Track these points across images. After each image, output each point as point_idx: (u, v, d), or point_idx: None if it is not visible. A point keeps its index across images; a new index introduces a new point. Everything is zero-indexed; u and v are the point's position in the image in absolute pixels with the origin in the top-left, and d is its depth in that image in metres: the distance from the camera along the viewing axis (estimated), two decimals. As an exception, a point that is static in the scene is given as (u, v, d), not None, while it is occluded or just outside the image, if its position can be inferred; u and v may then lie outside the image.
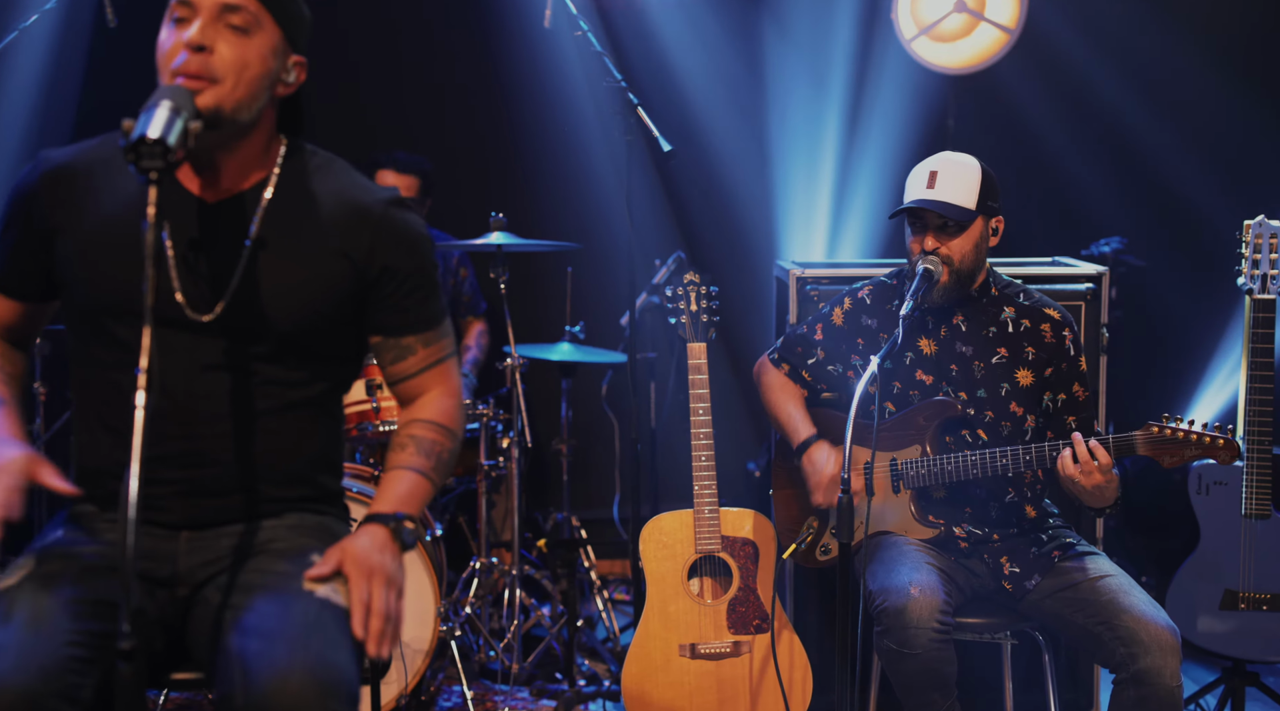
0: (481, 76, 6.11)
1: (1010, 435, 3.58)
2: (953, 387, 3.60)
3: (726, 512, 3.93)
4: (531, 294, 5.77)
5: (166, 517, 2.38)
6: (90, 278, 2.36)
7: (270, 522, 2.44)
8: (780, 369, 3.84)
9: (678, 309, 4.03)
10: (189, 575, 2.39)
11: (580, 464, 5.50)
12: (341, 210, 2.42)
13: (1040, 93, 5.97)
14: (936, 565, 3.46)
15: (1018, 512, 3.62)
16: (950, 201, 3.49)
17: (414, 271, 2.46)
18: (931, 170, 3.54)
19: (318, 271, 2.39)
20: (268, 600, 2.28)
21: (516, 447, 4.72)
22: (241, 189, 2.39)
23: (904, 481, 3.59)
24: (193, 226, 2.35)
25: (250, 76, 2.30)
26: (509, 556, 4.85)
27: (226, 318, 2.35)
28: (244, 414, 2.38)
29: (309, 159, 2.47)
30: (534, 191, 6.03)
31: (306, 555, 2.36)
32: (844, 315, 3.76)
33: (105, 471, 2.40)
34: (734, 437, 5.65)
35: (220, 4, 2.27)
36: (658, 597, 3.90)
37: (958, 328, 3.63)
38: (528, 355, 4.98)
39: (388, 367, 2.53)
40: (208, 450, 2.37)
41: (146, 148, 2.08)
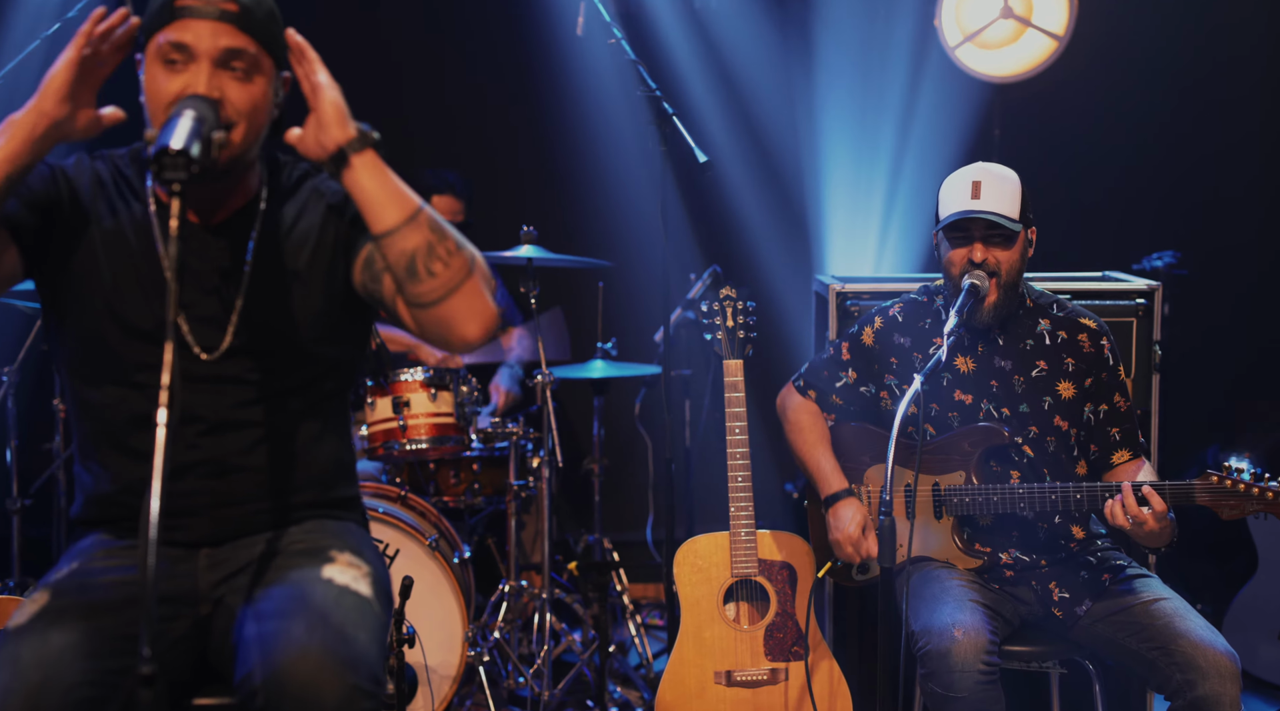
0: (511, 85, 6.13)
1: (1056, 450, 3.55)
2: (994, 404, 3.58)
3: (763, 535, 3.91)
4: (563, 309, 5.78)
5: (185, 536, 2.40)
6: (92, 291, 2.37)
7: (292, 529, 2.46)
8: (807, 397, 3.81)
9: (714, 324, 4.02)
10: (210, 592, 2.40)
11: (613, 484, 5.49)
12: (324, 210, 2.47)
13: (1090, 101, 5.94)
14: (981, 601, 3.43)
15: (1065, 535, 3.59)
16: (1000, 212, 3.47)
17: None
18: (974, 180, 3.52)
19: (318, 277, 2.41)
20: (285, 588, 2.31)
21: (547, 467, 4.71)
22: (235, 209, 2.43)
23: (947, 508, 3.56)
24: (193, 249, 2.38)
25: (259, 118, 2.34)
26: (539, 579, 4.85)
27: (238, 339, 2.38)
28: (253, 425, 2.40)
29: (291, 171, 2.52)
30: (566, 203, 6.04)
31: (325, 551, 2.38)
32: (875, 335, 3.74)
33: (121, 493, 2.41)
34: (771, 457, 5.64)
35: (223, 51, 2.28)
36: (692, 622, 3.88)
37: (995, 342, 3.61)
38: (559, 372, 4.98)
39: (386, 266, 2.35)
40: (226, 462, 2.39)
41: (169, 159, 2.09)
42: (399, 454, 4.53)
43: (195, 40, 2.26)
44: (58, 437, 4.92)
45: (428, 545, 4.33)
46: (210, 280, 2.38)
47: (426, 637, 4.29)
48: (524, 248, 4.70)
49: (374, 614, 2.31)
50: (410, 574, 4.22)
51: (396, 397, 4.50)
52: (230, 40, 2.27)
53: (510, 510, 4.83)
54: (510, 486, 4.81)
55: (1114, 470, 3.57)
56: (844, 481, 3.69)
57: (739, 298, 4.03)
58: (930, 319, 3.67)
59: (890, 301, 3.78)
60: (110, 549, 2.41)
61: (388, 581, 2.49)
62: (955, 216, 3.50)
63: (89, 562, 2.40)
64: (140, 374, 2.37)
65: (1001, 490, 3.48)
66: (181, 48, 2.27)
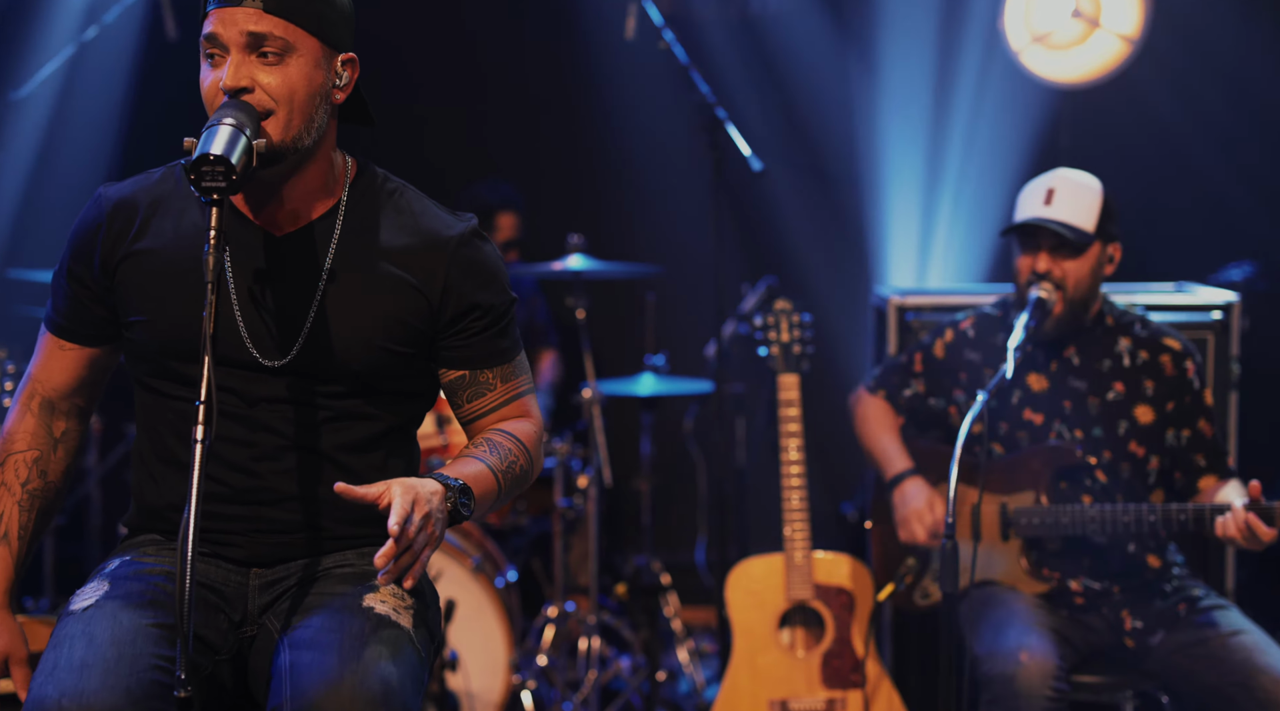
0: (558, 91, 6.15)
1: (1131, 477, 3.51)
2: (1066, 426, 3.54)
3: (820, 558, 3.90)
4: (611, 322, 5.78)
5: (235, 553, 2.41)
6: (153, 315, 2.38)
7: (337, 554, 2.46)
8: (876, 395, 3.81)
9: (768, 339, 4.02)
10: (258, 615, 2.42)
11: (662, 504, 5.49)
12: (416, 242, 2.42)
13: (1163, 105, 5.89)
14: (1049, 625, 3.40)
15: (1140, 564, 3.54)
16: (1068, 221, 3.45)
17: (492, 305, 2.46)
18: (1049, 187, 3.51)
19: (391, 308, 2.40)
20: (324, 616, 2.31)
21: (594, 486, 4.72)
22: (310, 220, 2.40)
23: (1015, 529, 3.53)
24: (260, 262, 2.37)
25: (301, 100, 2.30)
26: (586, 603, 4.85)
27: (298, 359, 2.38)
28: (312, 451, 2.40)
29: (380, 185, 2.47)
30: (613, 212, 6.06)
31: (370, 577, 2.38)
32: (945, 348, 3.72)
33: (168, 507, 2.43)
34: (828, 477, 5.61)
35: (246, 37, 2.27)
36: (746, 649, 3.87)
37: (1069, 361, 3.57)
38: (607, 388, 4.99)
39: (464, 405, 2.51)
40: (274, 487, 2.39)
41: (208, 166, 2.10)
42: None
43: (223, 29, 2.27)
44: (92, 454, 4.97)
45: (471, 567, 4.34)
46: (277, 292, 2.38)
47: (469, 662, 4.30)
48: (571, 258, 4.71)
49: (412, 648, 2.31)
50: (453, 597, 4.24)
51: (440, 414, 4.52)
52: (255, 25, 2.26)
53: (556, 531, 4.84)
54: (556, 506, 4.81)
55: (1200, 496, 3.53)
56: (909, 461, 3.67)
57: (794, 310, 4.02)
58: (1004, 334, 3.62)
59: (963, 314, 3.76)
60: (161, 547, 2.43)
61: (436, 615, 2.48)
62: (1018, 222, 3.50)
63: (141, 557, 2.41)
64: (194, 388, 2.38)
65: (1073, 512, 3.44)
66: (213, 39, 2.28)
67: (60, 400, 2.51)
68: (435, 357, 2.48)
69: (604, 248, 5.22)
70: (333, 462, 2.41)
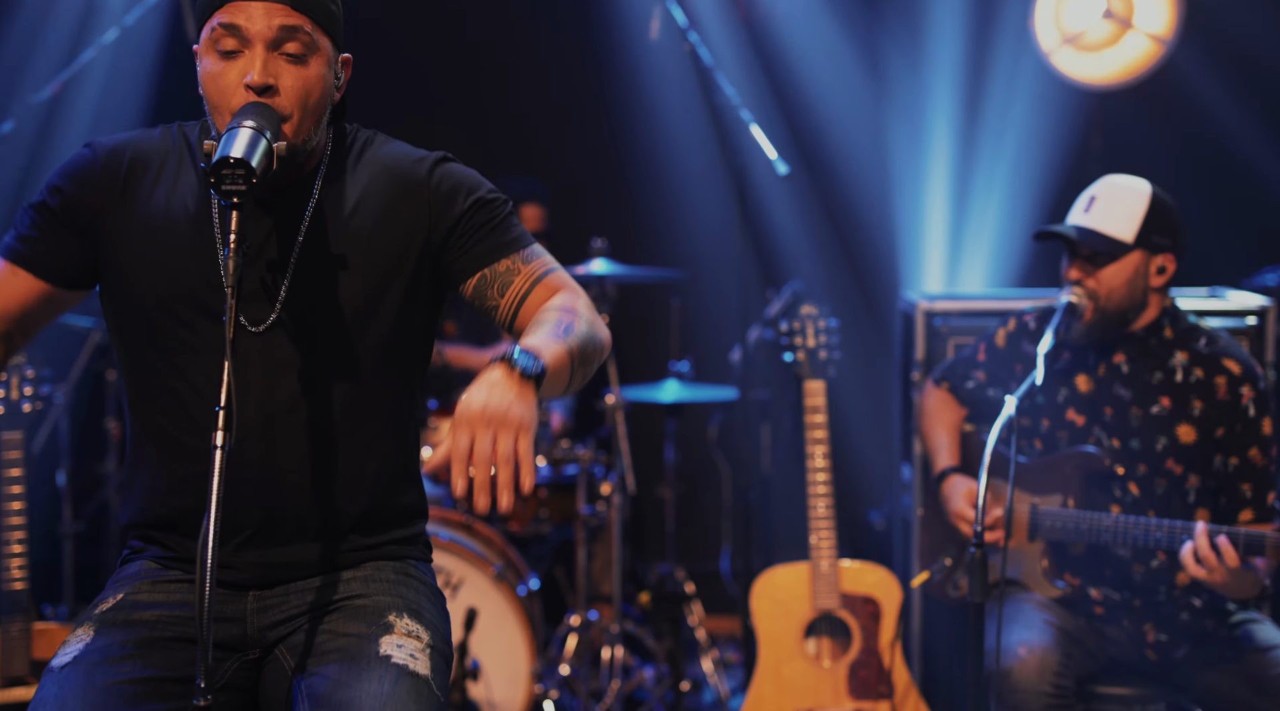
0: (581, 93, 6.17)
1: (1166, 493, 3.46)
2: (1105, 433, 3.52)
3: (847, 566, 3.89)
4: (635, 327, 5.79)
5: (233, 577, 2.40)
6: (144, 272, 2.37)
7: (346, 574, 2.45)
8: (940, 387, 3.81)
9: (793, 344, 4.02)
10: (259, 636, 2.41)
11: (687, 512, 5.48)
12: (393, 180, 2.45)
13: (1196, 107, 5.87)
14: (1059, 625, 3.38)
15: (1166, 578, 3.49)
16: (1100, 230, 3.43)
17: (480, 204, 2.46)
18: (1093, 193, 3.50)
19: (377, 254, 2.40)
20: (341, 667, 2.29)
21: (618, 494, 4.72)
22: (292, 182, 2.41)
23: (1040, 530, 3.52)
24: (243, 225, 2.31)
25: (314, 102, 2.32)
26: (609, 612, 4.85)
27: (285, 318, 2.37)
28: (313, 420, 2.39)
29: (356, 138, 2.50)
30: (637, 216, 6.06)
31: (383, 616, 2.37)
32: (1006, 337, 3.71)
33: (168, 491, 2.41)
34: (854, 484, 5.61)
35: (274, 32, 2.28)
36: (771, 659, 3.87)
37: (1118, 368, 3.54)
38: (631, 394, 4.99)
39: (497, 302, 2.44)
40: (280, 458, 2.38)
41: (228, 170, 2.11)
42: (463, 478, 4.55)
43: (247, 22, 2.27)
44: (110, 460, 5.00)
45: (493, 575, 4.35)
46: (258, 256, 2.37)
47: (491, 671, 4.30)
48: (594, 263, 4.72)
49: (430, 693, 2.31)
50: (475, 605, 4.25)
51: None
52: (284, 19, 2.27)
53: (579, 538, 4.84)
54: (579, 514, 4.82)
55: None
56: (953, 458, 3.68)
57: (820, 315, 4.02)
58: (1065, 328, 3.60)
59: (1030, 306, 3.74)
60: (156, 581, 2.42)
61: (447, 638, 2.47)
62: (1047, 230, 3.49)
63: (135, 594, 2.40)
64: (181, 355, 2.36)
65: (1090, 518, 3.42)
66: (234, 29, 2.27)
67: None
68: (449, 280, 2.46)
69: (627, 252, 5.23)
70: (333, 430, 2.39)
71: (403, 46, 6.01)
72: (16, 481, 3.76)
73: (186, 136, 2.46)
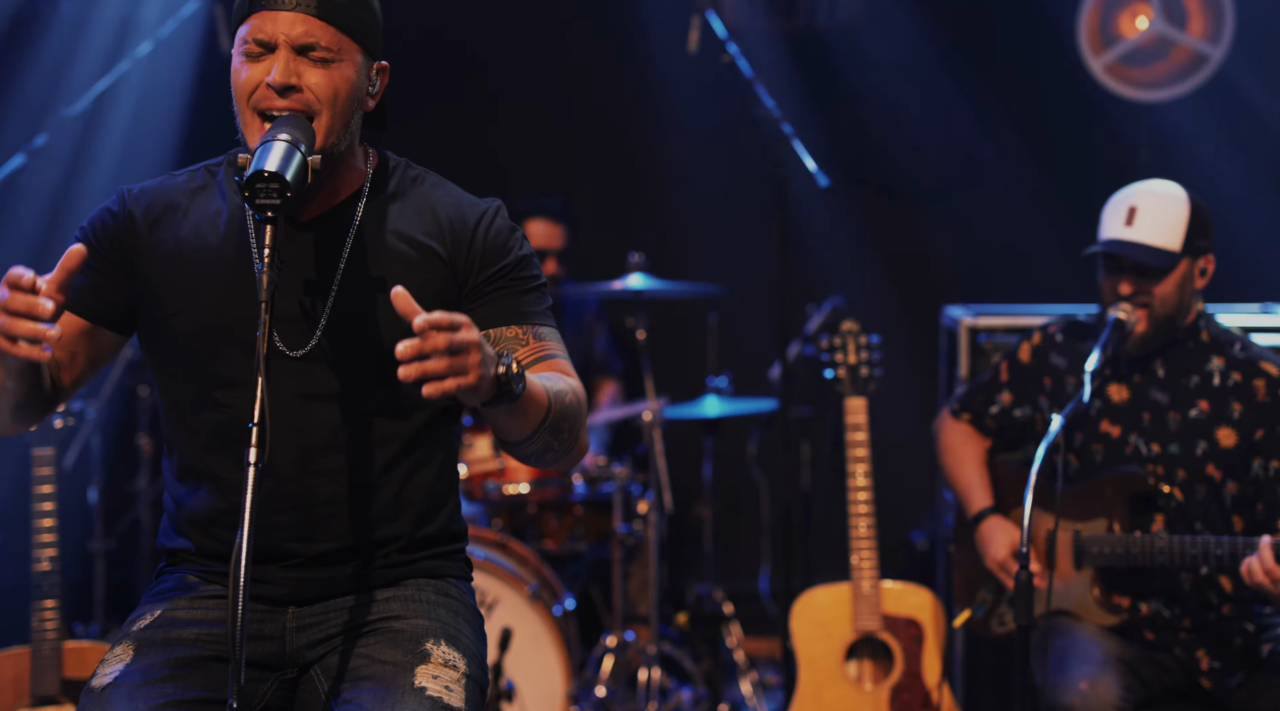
0: (619, 105, 6.17)
1: (1205, 500, 3.46)
2: (1143, 439, 3.50)
3: (888, 587, 3.87)
4: (672, 342, 5.78)
5: (271, 592, 2.41)
6: (183, 307, 2.40)
7: (386, 592, 2.46)
8: (960, 420, 3.78)
9: (834, 360, 4.01)
10: (297, 656, 2.42)
11: (725, 531, 5.47)
12: (439, 221, 2.46)
13: (1248, 120, 5.84)
14: (1116, 656, 3.36)
15: (1214, 587, 3.47)
16: (1151, 243, 3.41)
17: (519, 265, 2.46)
18: (1131, 205, 3.48)
19: (418, 286, 2.40)
20: (375, 695, 2.30)
21: (655, 512, 4.72)
22: (332, 206, 2.43)
23: (1086, 558, 3.49)
24: (283, 249, 2.36)
25: (342, 103, 2.35)
26: (646, 632, 4.84)
27: (324, 345, 2.39)
28: (351, 445, 2.40)
29: (402, 171, 2.52)
30: (675, 230, 6.06)
31: (420, 643, 2.38)
32: (1032, 351, 3.69)
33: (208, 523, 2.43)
34: (896, 503, 5.57)
35: (300, 43, 2.32)
36: (811, 681, 3.85)
37: (1154, 372, 3.53)
38: (668, 410, 4.99)
39: None
40: (316, 489, 2.40)
41: (263, 183, 2.13)
42: (498, 497, 4.56)
43: (273, 30, 2.31)
44: (142, 477, 5.03)
45: (528, 594, 4.35)
46: (297, 280, 2.39)
47: (526, 693, 4.30)
48: (631, 277, 4.72)
49: None
50: (509, 625, 4.25)
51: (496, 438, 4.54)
52: (307, 28, 2.31)
53: (615, 557, 4.84)
54: (615, 532, 4.81)
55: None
56: (988, 498, 3.64)
57: (862, 331, 4.01)
58: (1092, 341, 3.59)
59: (1053, 319, 3.73)
60: (194, 597, 2.44)
61: (484, 664, 2.47)
62: (1100, 247, 3.47)
63: (172, 610, 2.42)
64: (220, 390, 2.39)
65: (1143, 541, 3.40)
66: (261, 35, 2.32)
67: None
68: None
69: (665, 266, 5.23)
70: (372, 459, 2.41)
71: (440, 61, 6.04)
72: (48, 498, 3.78)
73: (213, 172, 2.50)
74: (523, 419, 2.25)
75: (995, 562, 3.53)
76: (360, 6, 2.38)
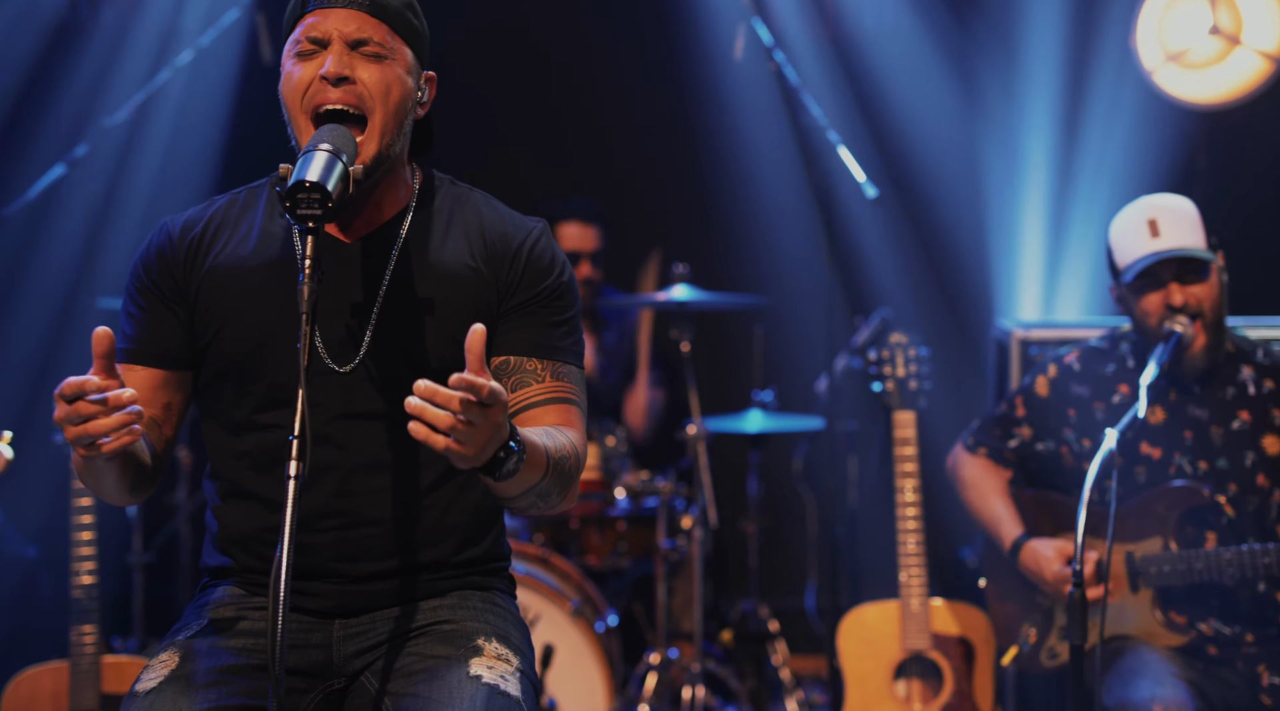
0: (663, 113, 6.18)
1: (1258, 512, 3.45)
2: (1187, 458, 3.48)
3: (938, 605, 3.86)
4: (717, 355, 5.78)
5: (317, 604, 2.43)
6: (229, 329, 2.43)
7: (430, 603, 2.47)
8: (977, 455, 3.76)
9: (882, 374, 4.00)
10: (344, 665, 2.43)
11: (771, 547, 5.46)
12: (485, 239, 2.48)
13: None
14: (1184, 676, 3.33)
15: (1272, 603, 3.45)
16: (1188, 245, 3.42)
17: (549, 295, 2.47)
18: (1148, 218, 3.48)
19: (462, 305, 2.43)
20: (430, 685, 2.32)
21: (699, 528, 4.71)
22: (378, 224, 2.45)
23: (1144, 579, 3.46)
24: (330, 268, 2.40)
25: (395, 101, 2.37)
26: (690, 650, 4.84)
27: (369, 363, 2.40)
28: (396, 466, 2.42)
29: (447, 188, 2.54)
30: (720, 241, 6.06)
31: (472, 639, 2.39)
32: (1049, 384, 3.67)
33: (251, 541, 2.45)
34: (946, 519, 5.55)
35: (353, 38, 2.35)
36: (858, 701, 3.84)
37: (1190, 389, 3.52)
38: (713, 424, 4.98)
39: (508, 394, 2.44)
40: (361, 509, 2.41)
41: (304, 193, 2.14)
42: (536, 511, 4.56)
43: (327, 27, 2.34)
44: (181, 490, 5.06)
45: (570, 610, 4.35)
46: (344, 298, 2.41)
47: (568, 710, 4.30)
48: (676, 289, 4.72)
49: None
50: (551, 641, 4.25)
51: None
52: (360, 23, 2.35)
53: (659, 573, 4.83)
54: (659, 548, 4.81)
55: None
56: (1020, 525, 3.63)
57: (910, 344, 4.00)
58: (1113, 364, 3.59)
59: (1066, 349, 3.72)
60: (241, 607, 2.46)
61: (534, 667, 2.49)
62: (1142, 263, 3.43)
63: (218, 620, 2.44)
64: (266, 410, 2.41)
65: (1206, 556, 3.38)
66: (315, 38, 2.35)
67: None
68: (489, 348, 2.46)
69: (710, 277, 5.23)
70: (417, 477, 2.42)
71: (483, 68, 6.06)
72: (87, 511, 3.82)
73: (256, 192, 2.53)
74: (510, 486, 2.24)
75: (1056, 578, 3.49)
76: (411, 12, 2.42)
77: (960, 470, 3.79)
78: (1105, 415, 3.51)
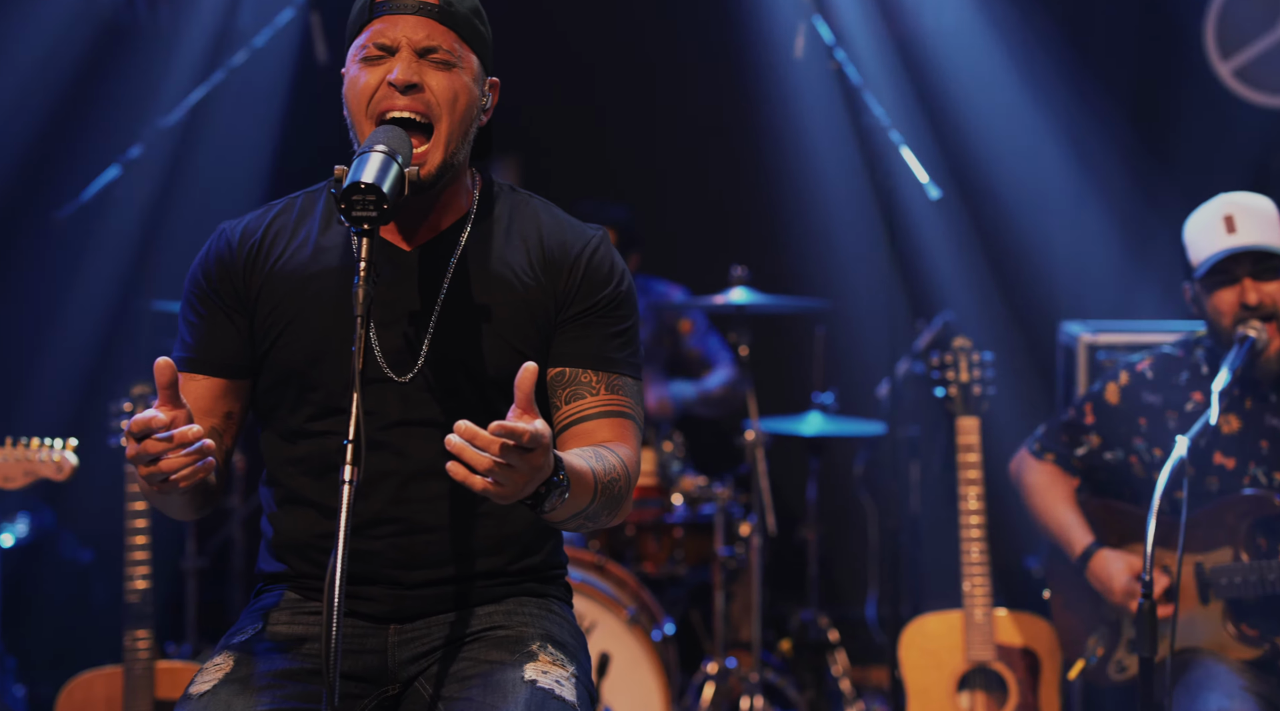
0: (722, 113, 6.18)
1: (1332, 524, 3.40)
2: (1263, 468, 3.44)
3: (1002, 616, 3.83)
4: (776, 358, 5.77)
5: (372, 609, 2.44)
6: (288, 337, 2.45)
7: (486, 609, 2.48)
8: (1044, 461, 3.72)
9: (945, 378, 3.98)
10: (399, 670, 2.45)
11: (830, 554, 5.44)
12: (545, 247, 2.49)
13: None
14: (1254, 690, 3.29)
15: None
16: (1265, 242, 3.38)
17: (608, 305, 2.48)
18: (1226, 215, 3.44)
19: (519, 314, 2.44)
20: (485, 690, 2.33)
21: (758, 535, 4.70)
22: (437, 232, 2.47)
23: (1214, 590, 3.43)
24: (389, 276, 2.42)
25: (462, 108, 2.38)
26: (748, 659, 4.83)
27: (428, 372, 2.42)
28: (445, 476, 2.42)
29: (507, 195, 2.55)
30: (779, 242, 6.05)
31: (527, 644, 2.40)
32: (1120, 392, 3.63)
33: (306, 547, 2.47)
34: (1010, 528, 5.51)
35: (422, 45, 2.36)
36: (920, 713, 3.82)
37: (1266, 398, 3.47)
38: (772, 428, 4.97)
39: (561, 407, 2.46)
40: (417, 516, 2.43)
41: (359, 195, 2.15)
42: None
43: (395, 34, 2.36)
44: (234, 494, 5.10)
45: (627, 618, 4.35)
46: (403, 308, 2.43)
47: (624, 720, 4.30)
48: (734, 291, 4.71)
49: None
50: (607, 649, 4.26)
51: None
52: (429, 31, 2.36)
53: (717, 581, 4.83)
54: (716, 555, 4.80)
55: None
56: (1089, 533, 3.61)
57: (974, 348, 3.98)
58: (1187, 372, 3.55)
59: (1139, 355, 3.68)
60: (296, 612, 2.48)
61: (590, 675, 2.50)
62: (1217, 257, 3.40)
63: (273, 624, 2.46)
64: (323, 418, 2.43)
65: (1278, 568, 3.34)
66: (382, 44, 2.36)
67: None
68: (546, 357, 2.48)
69: (769, 280, 5.22)
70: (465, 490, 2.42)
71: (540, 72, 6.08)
72: (141, 515, 3.85)
73: (314, 197, 2.54)
74: (554, 514, 2.25)
75: (1124, 592, 3.46)
76: (478, 20, 2.44)
77: (1025, 476, 3.76)
78: (1177, 424, 3.48)
